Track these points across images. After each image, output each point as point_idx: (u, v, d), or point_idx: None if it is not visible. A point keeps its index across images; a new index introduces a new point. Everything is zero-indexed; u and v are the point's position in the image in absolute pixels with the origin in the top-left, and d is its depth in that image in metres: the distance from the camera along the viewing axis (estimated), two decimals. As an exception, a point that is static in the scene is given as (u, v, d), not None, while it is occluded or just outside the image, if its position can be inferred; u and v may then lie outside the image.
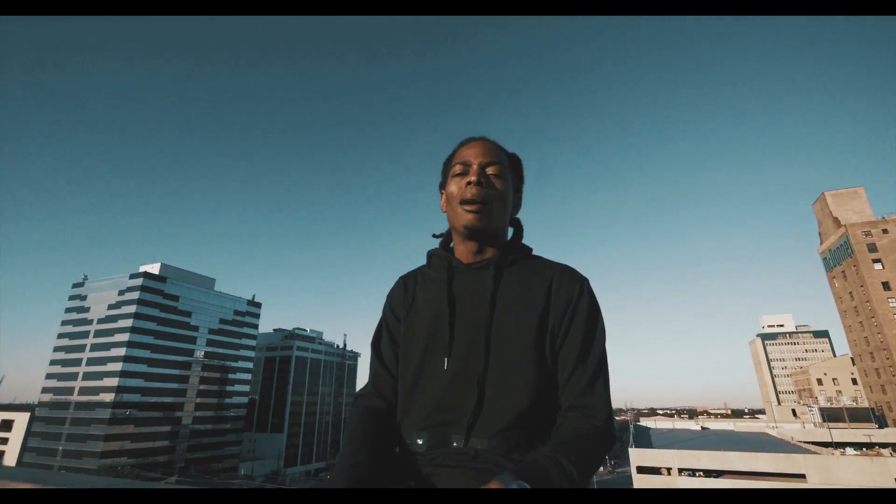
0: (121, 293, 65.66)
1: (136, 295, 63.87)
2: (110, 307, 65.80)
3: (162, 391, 65.18)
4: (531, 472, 0.67)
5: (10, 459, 55.97)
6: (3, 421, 59.59)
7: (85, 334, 66.23)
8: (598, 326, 0.87)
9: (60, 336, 69.31)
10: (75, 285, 72.29)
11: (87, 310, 68.40)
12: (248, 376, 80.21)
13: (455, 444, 0.82)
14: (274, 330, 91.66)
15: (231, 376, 76.82)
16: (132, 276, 65.93)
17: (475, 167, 0.93)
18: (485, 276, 0.92)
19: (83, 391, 61.64)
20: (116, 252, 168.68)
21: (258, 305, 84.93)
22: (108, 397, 58.82)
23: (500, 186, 0.94)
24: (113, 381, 59.60)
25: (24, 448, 58.21)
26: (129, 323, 62.48)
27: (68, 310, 71.15)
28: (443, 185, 1.02)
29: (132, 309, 63.15)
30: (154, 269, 68.96)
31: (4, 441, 58.33)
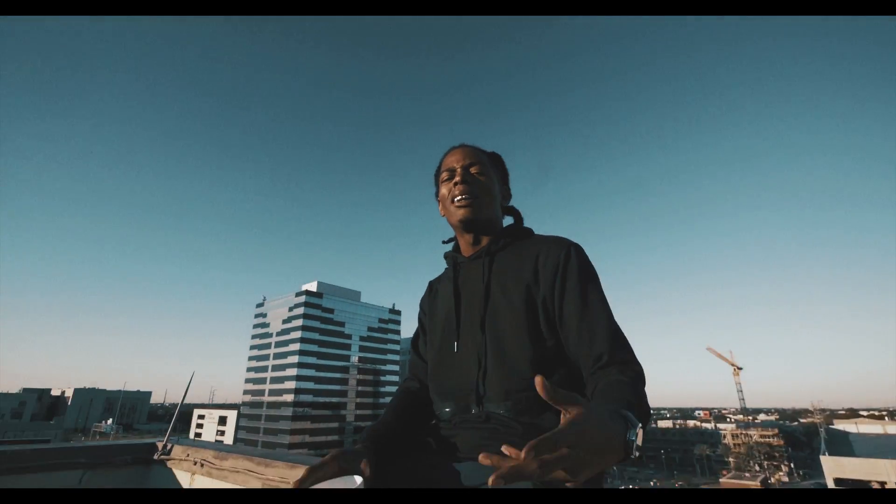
0: (290, 309, 77.82)
1: (301, 310, 75.01)
2: (283, 321, 78.44)
3: (329, 392, 75.49)
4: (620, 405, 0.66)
5: (227, 446, 70.92)
6: (220, 417, 75.54)
7: (268, 346, 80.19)
8: (590, 282, 0.93)
9: (251, 348, 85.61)
10: (258, 305, 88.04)
11: (267, 325, 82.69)
12: (395, 378, 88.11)
13: (473, 411, 0.94)
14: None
15: (382, 378, 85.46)
16: (297, 294, 77.62)
17: (459, 169, 1.07)
18: (480, 264, 1.05)
19: (271, 393, 74.34)
20: (284, 274, 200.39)
21: (398, 313, 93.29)
22: (289, 398, 69.92)
23: (483, 180, 1.07)
24: (291, 385, 70.84)
25: (235, 438, 72.18)
26: (298, 334, 73.95)
27: (255, 326, 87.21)
28: (437, 194, 1.14)
29: (300, 322, 74.36)
30: (312, 286, 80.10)
31: (222, 432, 73.49)
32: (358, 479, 0.79)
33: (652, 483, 60.21)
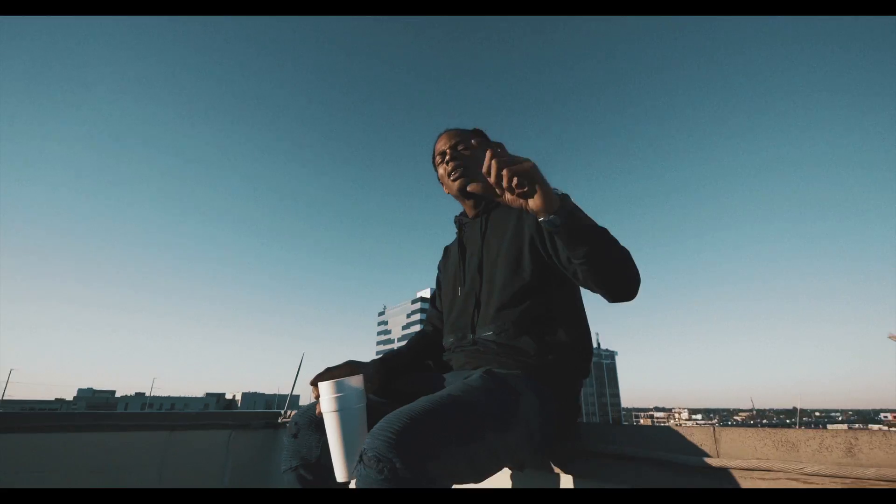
0: (407, 315, 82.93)
1: (417, 316, 79.42)
2: (402, 328, 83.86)
3: (449, 393, 78.05)
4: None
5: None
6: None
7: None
8: None
9: (377, 354, 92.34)
10: (379, 314, 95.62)
11: (389, 332, 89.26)
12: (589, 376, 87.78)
13: (467, 339, 1.14)
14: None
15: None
16: (412, 301, 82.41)
17: (448, 151, 1.26)
18: (479, 221, 1.27)
19: (397, 395, 79.62)
20: (402, 282, 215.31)
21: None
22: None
23: (470, 154, 1.24)
24: (414, 387, 74.90)
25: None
26: (416, 339, 78.12)
27: (378, 333, 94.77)
28: (438, 178, 1.34)
29: (417, 328, 78.64)
30: (426, 293, 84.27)
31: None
32: (358, 385, 0.91)
33: None
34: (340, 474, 0.83)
